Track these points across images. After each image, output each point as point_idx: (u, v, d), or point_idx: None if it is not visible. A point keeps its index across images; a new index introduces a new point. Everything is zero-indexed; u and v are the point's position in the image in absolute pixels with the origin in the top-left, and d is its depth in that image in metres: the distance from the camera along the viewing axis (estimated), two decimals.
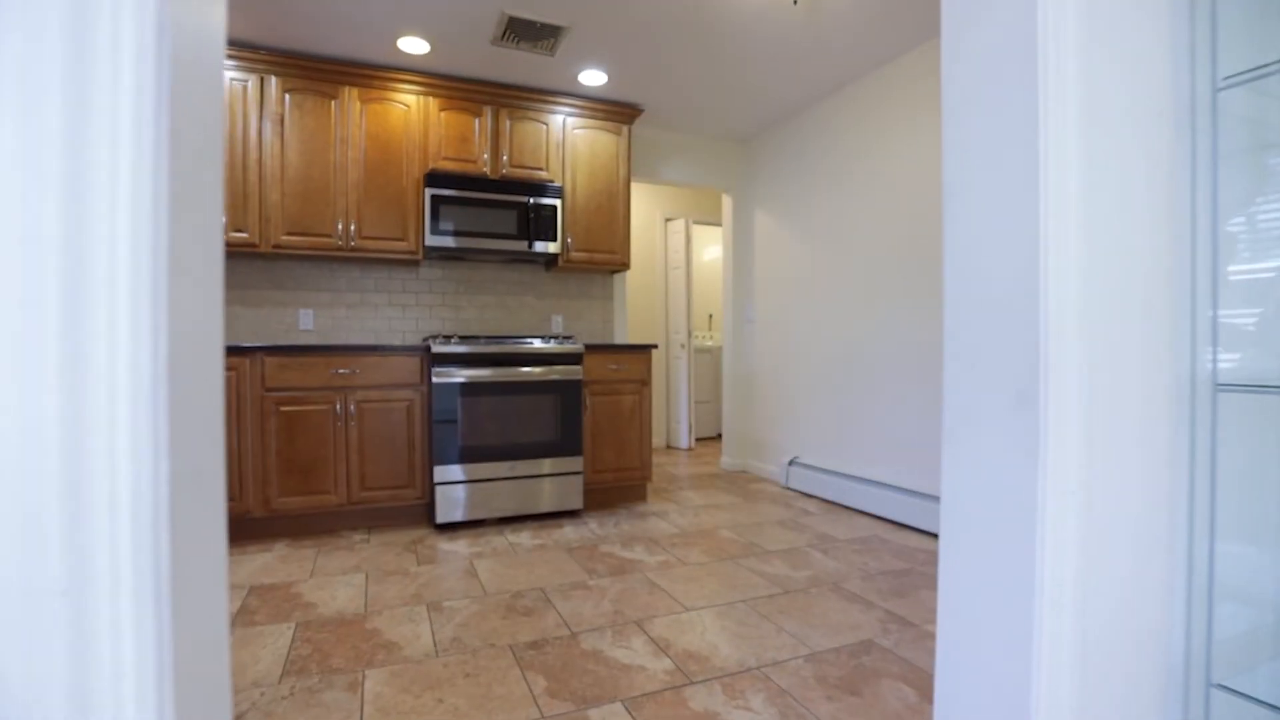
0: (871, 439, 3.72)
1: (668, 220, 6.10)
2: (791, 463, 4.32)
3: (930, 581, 2.58)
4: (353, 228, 3.52)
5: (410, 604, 2.35)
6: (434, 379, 3.30)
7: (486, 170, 3.80)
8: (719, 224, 6.29)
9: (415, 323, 4.01)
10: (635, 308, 5.96)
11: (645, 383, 3.87)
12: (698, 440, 6.43)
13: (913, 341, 3.44)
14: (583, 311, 4.43)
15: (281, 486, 3.12)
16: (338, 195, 3.50)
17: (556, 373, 3.54)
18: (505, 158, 3.84)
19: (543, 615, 2.26)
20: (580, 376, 3.60)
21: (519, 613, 2.28)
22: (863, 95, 3.80)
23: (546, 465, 3.52)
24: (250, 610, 2.26)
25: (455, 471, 3.33)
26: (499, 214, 3.75)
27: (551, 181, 3.92)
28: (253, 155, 3.33)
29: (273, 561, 2.79)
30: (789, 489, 4.31)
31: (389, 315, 3.95)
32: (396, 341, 3.98)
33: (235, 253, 3.39)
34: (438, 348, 3.31)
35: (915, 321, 3.42)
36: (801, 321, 4.33)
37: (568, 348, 3.57)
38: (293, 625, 2.15)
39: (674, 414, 6.05)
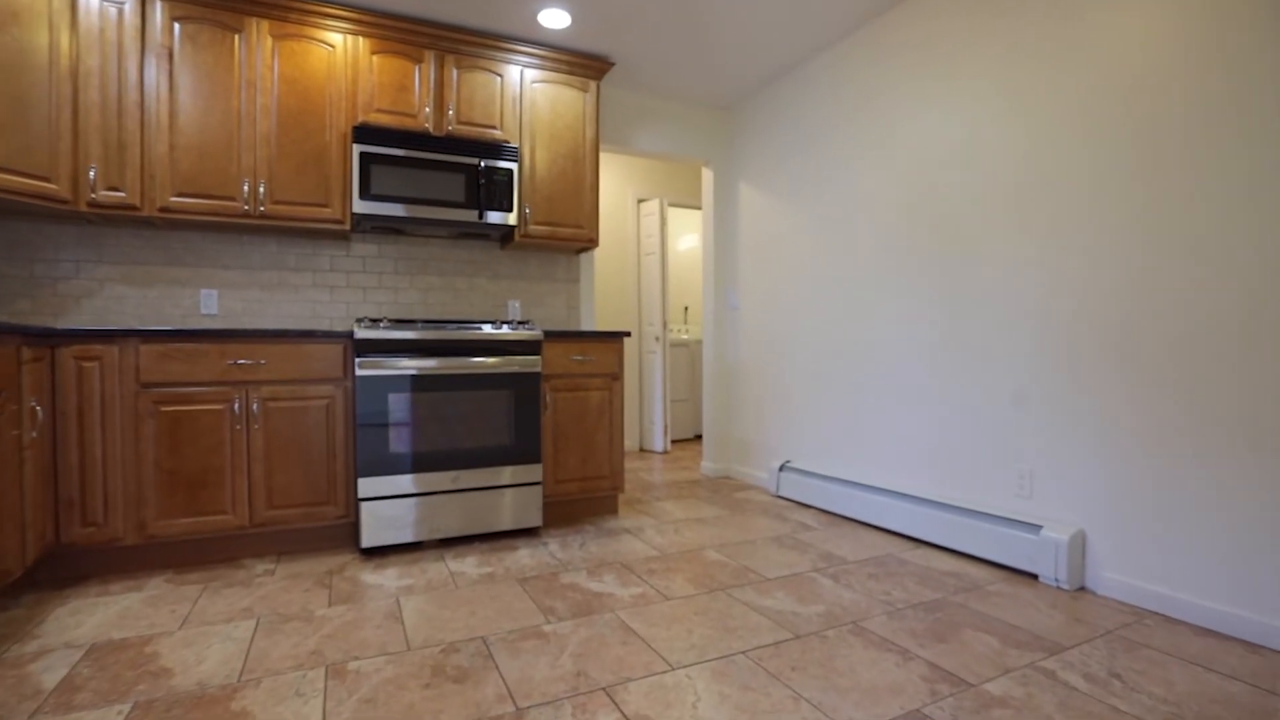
0: (880, 440, 3.22)
1: (640, 201, 5.56)
2: (783, 468, 3.80)
3: (974, 618, 2.08)
4: (262, 189, 2.91)
5: (304, 666, 1.76)
6: (358, 371, 2.71)
7: (429, 126, 3.22)
8: (697, 207, 5.77)
9: (346, 307, 3.41)
10: (605, 296, 5.41)
11: (616, 376, 3.32)
12: (674, 443, 5.90)
13: (927, 323, 2.95)
14: (544, 296, 3.86)
15: (162, 506, 2.50)
16: (243, 150, 2.89)
17: (510, 364, 2.97)
18: (451, 113, 3.26)
19: (480, 681, 1.69)
20: (538, 369, 3.03)
21: (449, 677, 1.71)
22: (860, 50, 3.31)
23: (498, 475, 2.95)
24: (74, 685, 1.65)
25: (385, 484, 2.74)
26: (443, 178, 3.17)
27: (507, 142, 3.35)
28: (131, 96, 2.70)
29: (137, 606, 2.17)
30: (781, 498, 3.79)
31: (314, 299, 3.34)
32: (324, 329, 3.36)
33: (111, 216, 2.75)
34: (363, 333, 2.72)
35: (931, 302, 2.93)
36: (794, 306, 3.82)
37: (523, 334, 3.00)
38: (127, 707, 1.55)
39: (648, 414, 5.51)
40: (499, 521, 2.96)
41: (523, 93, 3.43)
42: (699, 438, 6.14)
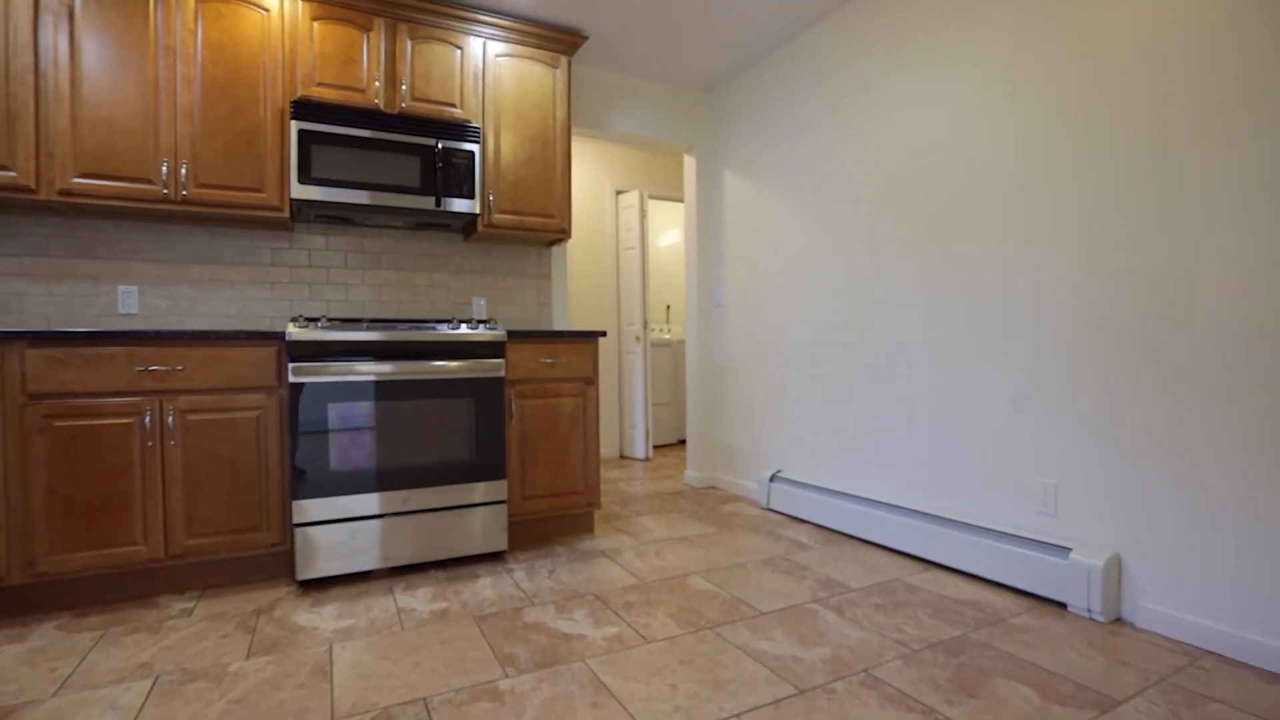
0: (882, 449, 2.93)
1: (619, 193, 5.25)
2: (774, 478, 3.50)
3: (1003, 662, 1.78)
4: (184, 171, 2.55)
5: None
6: (292, 378, 2.36)
7: (379, 103, 2.87)
8: (679, 200, 5.47)
9: (289, 306, 3.05)
10: (582, 294, 5.08)
11: (590, 381, 3.00)
12: (656, 448, 5.59)
13: (935, 321, 2.67)
14: (512, 293, 3.53)
15: (56, 539, 2.13)
16: (161, 126, 2.53)
17: (469, 369, 2.64)
18: (405, 88, 2.92)
19: None
20: (502, 374, 2.70)
21: None
22: (855, 20, 3.02)
23: (457, 494, 2.62)
24: None
25: (325, 507, 2.40)
26: (396, 161, 2.83)
27: (468, 122, 3.01)
28: (22, 60, 2.33)
29: (10, 663, 1.81)
30: (771, 511, 3.50)
31: (253, 296, 2.98)
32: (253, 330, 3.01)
33: (2, 200, 2.38)
34: (297, 333, 2.37)
35: (940, 297, 2.64)
36: (784, 303, 3.52)
37: (484, 335, 2.67)
38: None
39: (628, 419, 5.19)
40: (458, 546, 2.62)
41: (485, 68, 3.10)
42: (683, 443, 5.83)
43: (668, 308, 6.60)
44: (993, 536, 2.36)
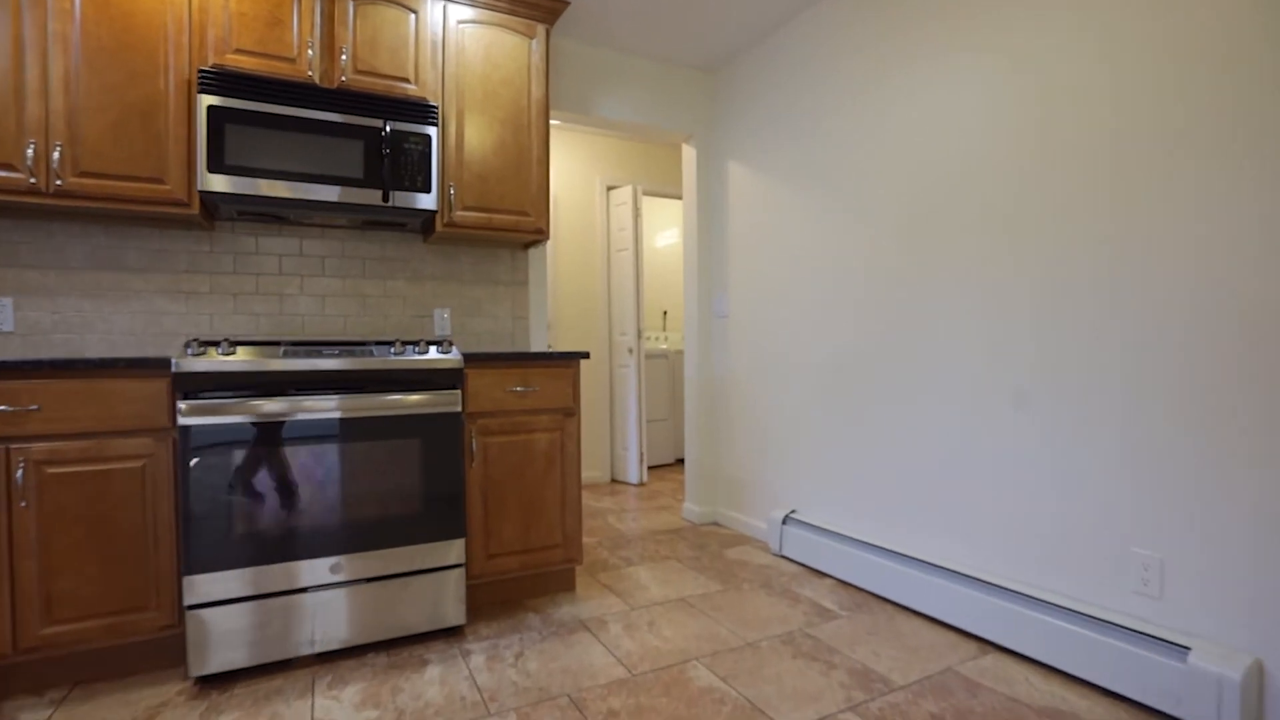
0: (923, 493, 2.43)
1: (610, 189, 4.74)
2: (787, 520, 3.00)
3: None
4: (58, 155, 2.04)
5: None
6: (184, 419, 1.85)
7: (313, 75, 2.36)
8: (677, 197, 4.96)
9: (210, 321, 2.54)
10: (568, 302, 4.58)
11: (570, 412, 2.50)
12: (651, 469, 5.09)
13: (1000, 342, 2.17)
14: (482, 304, 3.02)
15: None
16: (29, 96, 2.01)
17: (418, 403, 2.13)
18: (345, 58, 2.41)
19: None
20: (459, 407, 2.20)
21: None
22: None
23: (402, 558, 2.11)
24: None
25: (228, 582, 1.89)
26: (333, 146, 2.33)
27: (424, 101, 2.51)
28: None
29: None
30: (783, 558, 3.00)
31: (163, 310, 2.47)
32: (133, 358, 2.50)
33: None
34: (189, 363, 1.86)
35: (1003, 313, 2.15)
36: (799, 313, 3.02)
37: (435, 361, 2.16)
38: None
39: (620, 440, 4.69)
40: (405, 621, 2.12)
41: (446, 36, 2.59)
42: (680, 462, 5.33)
43: (665, 314, 6.10)
44: (1075, 619, 1.86)
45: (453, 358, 2.17)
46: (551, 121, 3.95)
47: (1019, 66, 2.09)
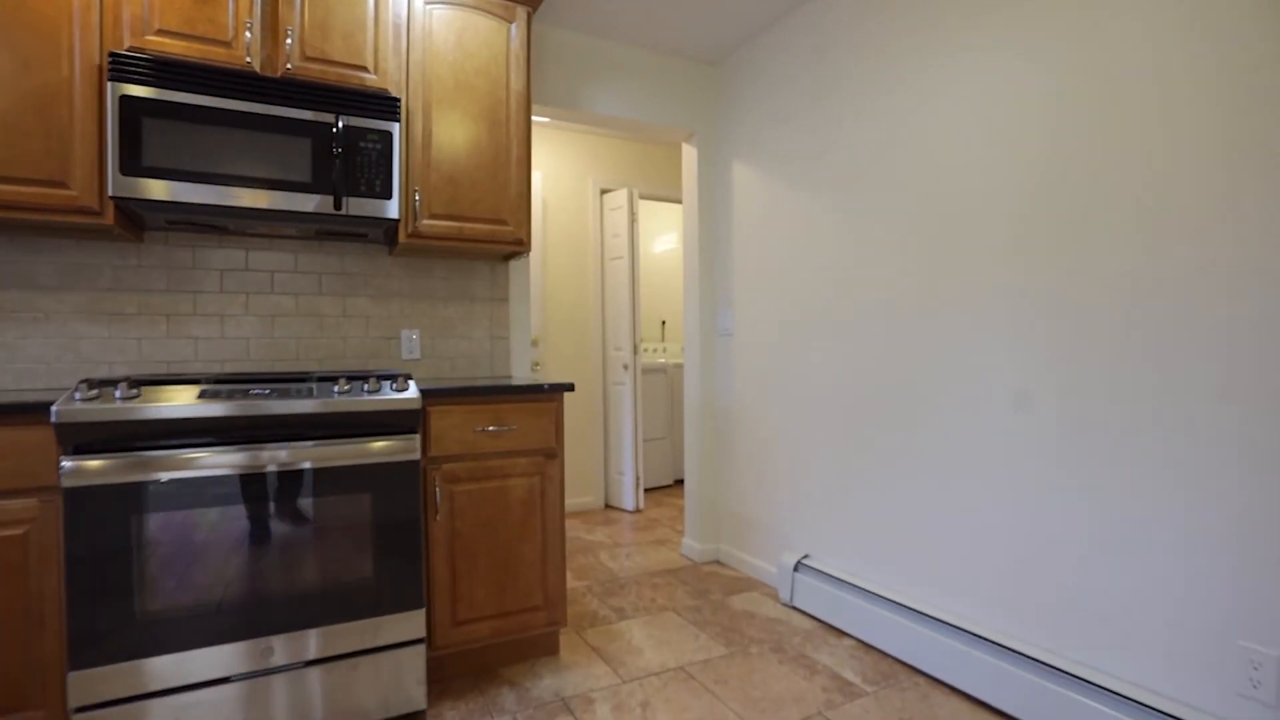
0: (966, 548, 2.09)
1: (604, 192, 4.41)
2: (799, 566, 2.67)
3: None
4: None
5: None
6: (69, 480, 1.51)
7: (251, 61, 2.02)
8: (677, 200, 4.63)
9: (139, 348, 2.20)
10: (557, 315, 4.24)
11: (552, 454, 2.16)
12: (649, 492, 4.75)
13: (1066, 375, 1.83)
14: (456, 323, 2.68)
15: None
16: None
17: (365, 452, 1.79)
18: (291, 42, 2.07)
19: None
20: (417, 455, 1.86)
21: None
22: None
23: (350, 635, 1.77)
24: None
25: (129, 677, 1.55)
26: (276, 144, 1.99)
27: (384, 93, 2.17)
28: None
29: None
30: (796, 609, 2.66)
31: (82, 334, 2.13)
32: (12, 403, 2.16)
33: None
34: (73, 410, 1.52)
35: (1070, 352, 1.81)
36: (814, 331, 2.69)
37: (386, 401, 1.82)
38: None
39: (614, 463, 4.35)
40: (355, 708, 1.78)
41: (411, 19, 2.25)
42: (680, 483, 5.00)
43: (663, 324, 5.77)
44: None
45: (408, 397, 1.83)
46: (537, 118, 3.62)
47: (1082, 59, 1.75)
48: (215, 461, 1.62)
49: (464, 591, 2.02)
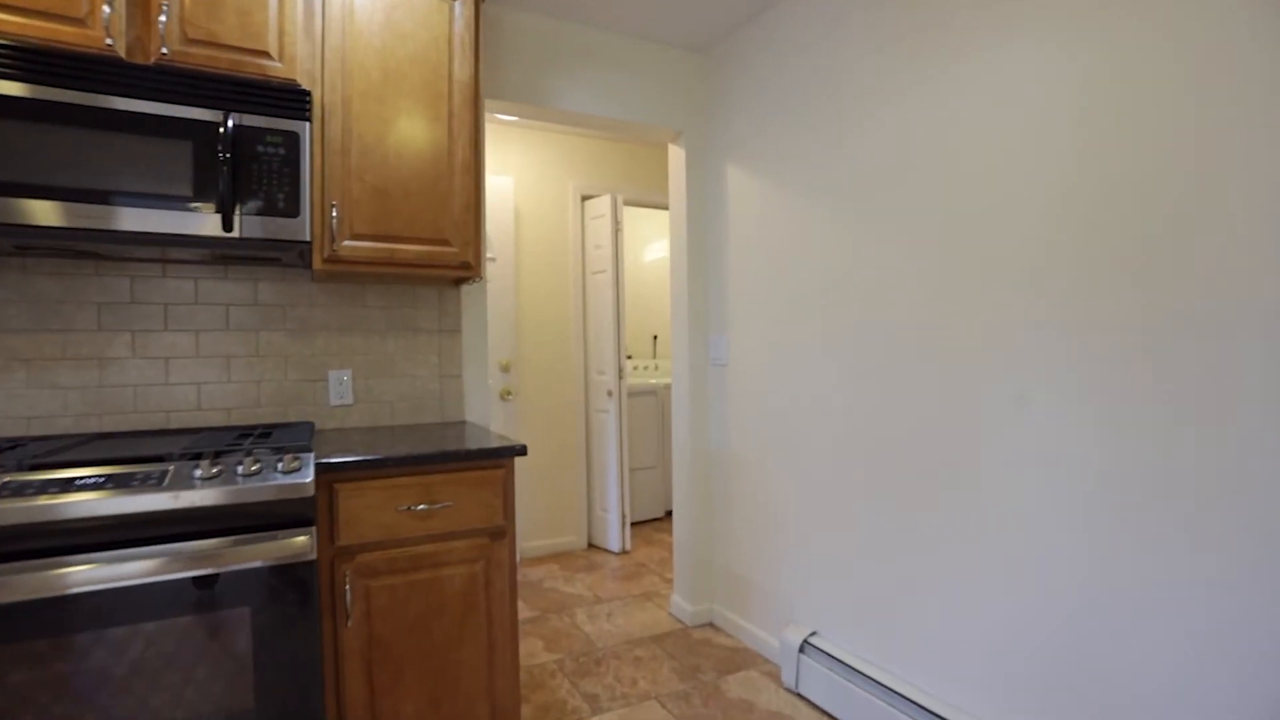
0: (1022, 639, 1.66)
1: (585, 199, 3.98)
2: (806, 647, 2.25)
3: None
4: None
5: None
6: None
7: (113, 45, 1.60)
8: (664, 207, 4.20)
9: None
10: (532, 335, 3.81)
11: (500, 533, 1.74)
12: (636, 526, 4.33)
13: (1155, 438, 1.41)
14: (398, 359, 2.26)
15: None
16: None
17: (236, 555, 1.37)
18: (166, 19, 1.65)
19: None
20: (311, 553, 1.43)
21: None
22: None
23: None
24: None
25: None
26: (145, 148, 1.57)
27: (290, 83, 1.75)
28: None
29: None
30: (801, 697, 2.24)
31: None
32: None
33: None
34: None
35: (1166, 406, 1.39)
36: (822, 362, 2.26)
37: (264, 489, 1.38)
38: None
39: (599, 498, 3.93)
40: None
41: None
42: (669, 515, 4.57)
43: (654, 339, 5.34)
44: None
45: (298, 481, 1.40)
46: (502, 116, 3.21)
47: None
48: (13, 580, 1.20)
49: (386, 710, 1.59)
